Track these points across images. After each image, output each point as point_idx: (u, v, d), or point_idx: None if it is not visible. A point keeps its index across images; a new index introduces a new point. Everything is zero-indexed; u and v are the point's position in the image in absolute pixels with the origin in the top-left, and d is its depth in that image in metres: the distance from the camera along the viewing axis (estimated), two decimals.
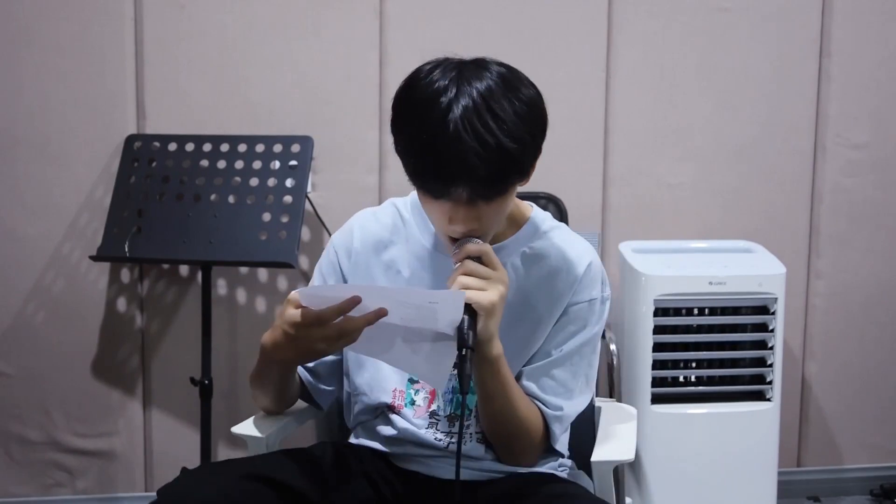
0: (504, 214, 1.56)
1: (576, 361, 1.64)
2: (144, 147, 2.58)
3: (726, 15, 2.80)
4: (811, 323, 2.93)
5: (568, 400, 1.63)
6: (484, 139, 1.41)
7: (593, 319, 1.64)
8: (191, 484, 1.51)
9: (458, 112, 1.42)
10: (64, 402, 2.72)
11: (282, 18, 2.66)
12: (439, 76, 1.46)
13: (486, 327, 1.46)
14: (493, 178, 1.44)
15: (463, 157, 1.41)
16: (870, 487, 2.99)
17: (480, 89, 1.44)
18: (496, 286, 1.46)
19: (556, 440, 1.65)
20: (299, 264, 2.66)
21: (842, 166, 2.89)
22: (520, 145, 1.44)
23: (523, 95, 1.48)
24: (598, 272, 1.65)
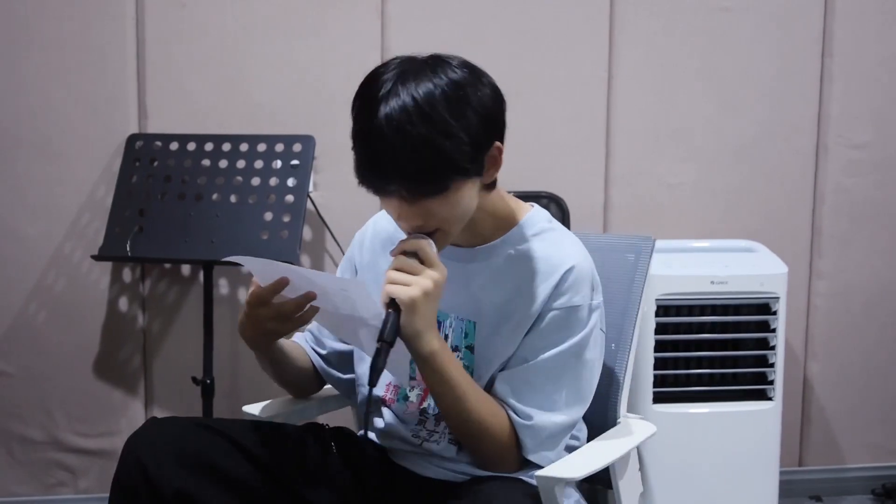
0: (460, 211, 1.52)
1: (557, 371, 1.57)
2: (146, 146, 2.58)
3: (728, 15, 2.80)
4: (813, 323, 2.93)
5: (546, 411, 1.56)
6: (408, 136, 1.42)
7: (576, 328, 1.57)
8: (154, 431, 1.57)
9: (386, 109, 1.43)
10: (65, 401, 2.72)
11: (283, 18, 2.67)
12: (387, 73, 1.48)
13: (410, 323, 1.46)
14: (421, 175, 1.44)
15: (388, 153, 1.43)
16: (871, 487, 2.99)
17: (417, 88, 1.44)
18: (421, 282, 1.46)
19: (529, 451, 1.57)
20: (301, 264, 2.66)
21: (844, 166, 2.89)
22: (446, 142, 1.44)
23: (469, 96, 1.47)
24: (584, 278, 1.58)
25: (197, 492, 1.53)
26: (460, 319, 1.62)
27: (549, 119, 2.79)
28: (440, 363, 1.51)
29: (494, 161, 1.53)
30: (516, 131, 2.74)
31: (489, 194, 1.59)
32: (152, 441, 1.55)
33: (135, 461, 1.53)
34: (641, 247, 1.81)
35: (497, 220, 1.62)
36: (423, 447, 1.66)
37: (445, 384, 1.52)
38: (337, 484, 1.65)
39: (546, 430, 1.57)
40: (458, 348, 1.62)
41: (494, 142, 1.52)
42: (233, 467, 1.58)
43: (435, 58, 1.51)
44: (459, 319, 1.62)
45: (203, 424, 1.61)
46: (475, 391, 1.55)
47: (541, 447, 1.58)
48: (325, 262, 2.76)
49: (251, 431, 1.64)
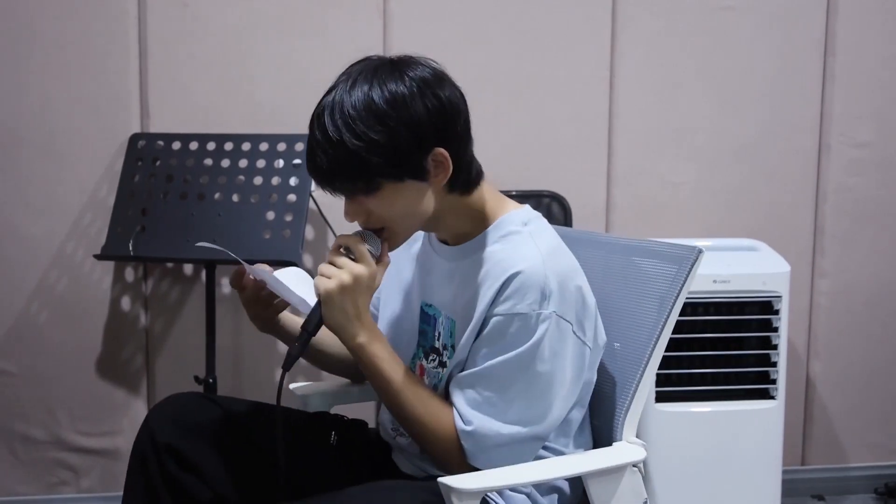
0: (403, 210, 1.53)
1: (505, 382, 1.52)
2: (148, 146, 2.59)
3: (730, 14, 2.80)
4: (815, 321, 2.93)
5: (491, 419, 1.51)
6: (328, 136, 1.47)
7: (521, 337, 1.50)
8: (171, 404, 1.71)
9: (318, 109, 1.50)
10: (68, 400, 2.72)
11: (285, 17, 2.67)
12: (346, 72, 1.54)
13: (327, 315, 1.51)
14: (341, 175, 1.49)
15: (314, 153, 1.49)
16: (874, 486, 2.99)
17: (353, 91, 1.49)
18: (340, 275, 1.49)
19: (470, 457, 1.53)
20: (303, 263, 2.66)
21: (846, 165, 2.89)
22: (363, 144, 1.46)
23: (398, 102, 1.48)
24: (531, 285, 1.49)
25: (187, 449, 1.64)
26: (447, 317, 1.63)
27: (551, 118, 2.79)
28: (367, 357, 1.54)
29: (440, 166, 1.52)
30: (518, 130, 2.77)
31: (465, 196, 1.59)
32: (161, 407, 1.71)
33: (145, 425, 1.67)
34: (684, 258, 1.65)
35: (474, 222, 1.61)
36: (397, 441, 1.69)
37: (376, 378, 1.55)
38: (328, 473, 1.68)
39: (490, 438, 1.52)
40: (447, 346, 1.62)
41: (434, 148, 1.51)
42: (226, 436, 1.67)
43: (394, 62, 1.53)
44: (447, 317, 1.63)
45: (209, 398, 1.76)
46: (414, 389, 1.55)
47: (486, 455, 1.53)
48: None
49: (253, 411, 1.72)
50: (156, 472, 1.63)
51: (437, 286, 1.65)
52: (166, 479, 1.64)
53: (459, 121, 1.54)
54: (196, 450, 1.64)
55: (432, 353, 1.64)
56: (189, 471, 1.64)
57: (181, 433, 1.65)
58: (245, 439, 1.68)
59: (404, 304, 1.72)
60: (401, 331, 1.70)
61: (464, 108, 1.55)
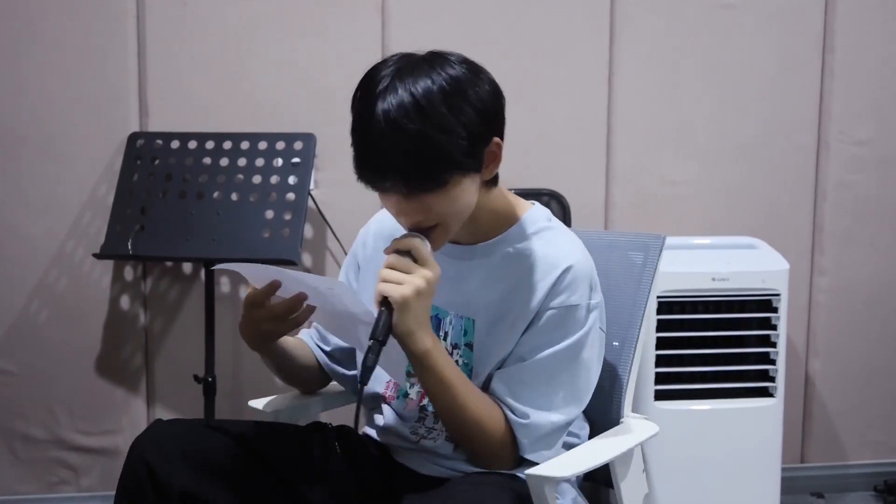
0: (460, 207, 1.52)
1: (554, 371, 1.56)
2: (147, 145, 2.59)
3: (729, 12, 2.80)
4: (815, 319, 2.93)
5: (542, 410, 1.56)
6: (404, 132, 1.43)
7: (573, 327, 1.56)
8: (159, 432, 1.58)
9: (383, 105, 1.44)
10: (68, 399, 2.72)
11: (284, 16, 2.67)
12: (385, 69, 1.48)
13: (403, 321, 1.46)
14: (420, 170, 1.45)
15: (385, 149, 1.44)
16: (873, 483, 2.99)
17: (414, 85, 1.45)
18: (413, 280, 1.46)
19: (525, 450, 1.57)
20: (302, 262, 2.66)
21: (845, 163, 2.89)
22: (445, 136, 1.44)
23: (468, 91, 1.48)
24: (582, 277, 1.57)
25: (203, 492, 1.53)
26: (459, 317, 1.62)
27: (550, 117, 2.79)
28: (433, 362, 1.51)
29: (493, 157, 1.53)
30: (517, 129, 2.73)
31: (490, 191, 1.59)
32: (158, 442, 1.55)
33: (142, 462, 1.53)
34: (651, 245, 1.75)
35: (497, 218, 1.62)
36: (421, 444, 1.66)
37: (440, 383, 1.52)
38: (340, 483, 1.65)
39: (542, 428, 1.56)
40: (458, 346, 1.62)
41: (493, 137, 1.52)
42: (238, 467, 1.58)
43: (434, 54, 1.52)
44: (458, 317, 1.62)
45: (208, 425, 1.63)
46: (471, 390, 1.55)
47: (537, 446, 1.57)
48: (326, 260, 2.76)
49: (256, 431, 1.64)
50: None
51: (443, 286, 1.63)
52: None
53: (505, 108, 1.56)
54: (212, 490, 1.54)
55: None
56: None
57: (193, 474, 1.53)
58: (255, 465, 1.60)
59: None
60: None
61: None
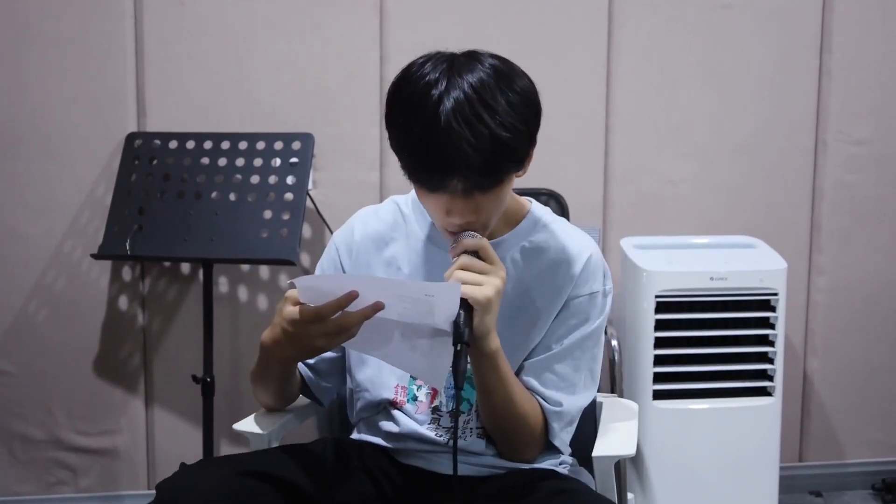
0: (502, 206, 1.55)
1: (577, 356, 1.63)
2: (145, 145, 2.58)
3: (727, 11, 2.80)
4: (812, 318, 2.93)
5: (570, 395, 1.62)
6: (476, 129, 1.42)
7: (595, 313, 1.63)
8: (189, 479, 1.51)
9: (449, 104, 1.43)
10: (66, 400, 2.72)
11: (282, 15, 2.66)
12: (430, 69, 1.47)
13: (483, 322, 1.46)
14: (488, 167, 1.44)
15: (456, 147, 1.42)
16: (871, 482, 2.99)
17: (471, 80, 1.45)
18: (492, 281, 1.46)
19: (555, 436, 1.63)
20: (301, 262, 2.66)
21: (843, 162, 2.89)
22: (512, 134, 1.45)
23: (516, 85, 1.49)
24: (599, 265, 1.64)
25: None
26: None
27: (548, 116, 2.73)
28: (500, 360, 1.53)
29: (530, 159, 1.54)
30: None
31: None
32: (187, 490, 1.49)
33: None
34: None
35: (507, 216, 1.64)
36: (449, 444, 1.62)
37: (501, 381, 1.54)
38: (363, 495, 1.63)
39: (571, 413, 1.64)
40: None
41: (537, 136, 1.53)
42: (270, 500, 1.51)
43: (472, 52, 1.52)
44: None
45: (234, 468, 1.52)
46: (518, 384, 1.59)
47: (565, 431, 1.64)
48: None
49: (278, 460, 1.58)
50: None
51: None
52: None
53: None
54: None
55: None
56: None
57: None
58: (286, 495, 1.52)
59: None
60: None
61: None
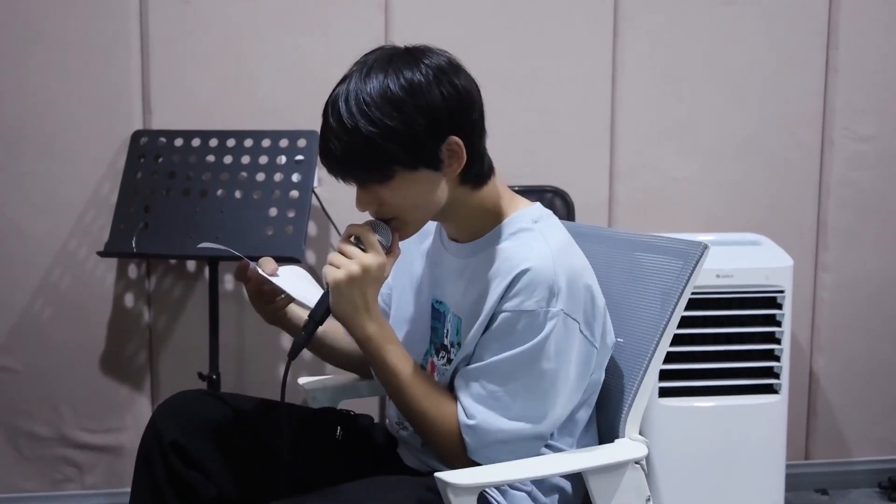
0: (416, 202, 1.52)
1: (510, 377, 1.51)
2: (150, 143, 2.59)
3: (732, 8, 2.80)
4: (819, 316, 2.93)
5: (495, 414, 1.51)
6: (343, 123, 1.47)
7: (528, 334, 1.49)
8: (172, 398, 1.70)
9: (332, 97, 1.50)
10: (72, 397, 2.72)
11: (287, 13, 2.66)
12: (357, 62, 1.53)
13: (335, 304, 1.50)
14: (356, 163, 1.49)
15: (327, 139, 1.50)
16: (878, 480, 2.99)
17: (365, 80, 1.48)
18: (349, 266, 1.48)
19: (471, 451, 1.52)
20: (306, 259, 2.66)
21: (849, 159, 2.88)
22: (381, 132, 1.45)
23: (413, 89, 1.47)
24: (540, 282, 1.49)
25: (192, 445, 1.63)
26: (454, 315, 1.62)
27: (553, 113, 2.79)
28: (374, 349, 1.53)
29: (454, 155, 1.51)
30: (521, 126, 2.76)
31: (476, 190, 1.58)
32: (166, 405, 1.69)
33: (151, 422, 1.67)
34: (690, 253, 1.61)
35: (485, 217, 1.60)
36: (400, 435, 1.69)
37: (383, 371, 1.55)
38: (333, 468, 1.68)
39: (492, 434, 1.51)
40: (454, 344, 1.61)
41: (448, 136, 1.50)
42: (231, 433, 1.66)
43: (408, 51, 1.52)
44: (454, 315, 1.62)
45: (214, 395, 1.75)
46: (420, 383, 1.55)
47: (487, 451, 1.52)
48: None
49: (259, 408, 1.72)
50: (161, 470, 1.63)
51: (447, 283, 1.65)
52: (171, 477, 1.63)
53: (475, 110, 1.54)
54: (201, 447, 1.64)
55: (442, 349, 1.63)
56: (194, 468, 1.64)
57: (186, 430, 1.64)
58: (250, 436, 1.68)
59: (416, 301, 1.71)
60: (414, 327, 1.69)
61: (478, 99, 1.55)
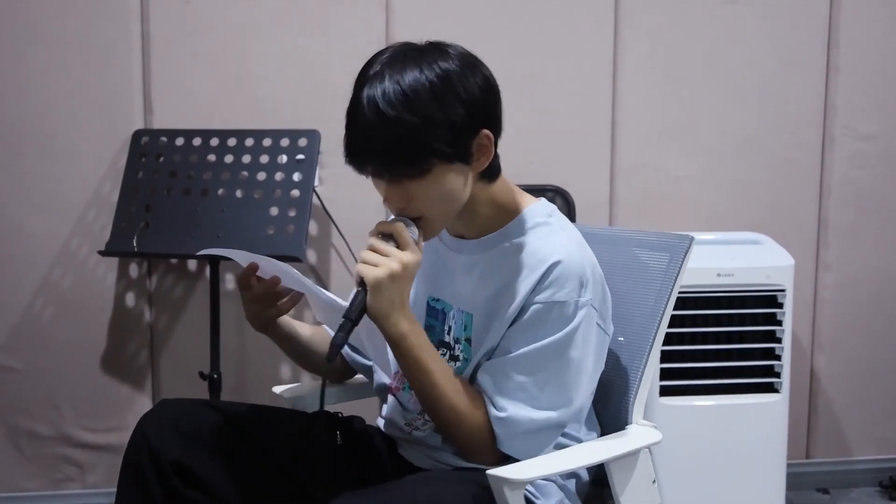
0: (445, 197, 1.53)
1: (538, 368, 1.54)
2: (151, 142, 2.59)
3: (733, 7, 2.80)
4: (819, 315, 2.93)
5: (524, 406, 1.53)
6: (384, 118, 1.45)
7: (559, 324, 1.53)
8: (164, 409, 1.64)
9: (368, 91, 1.47)
10: (73, 397, 2.73)
11: (288, 12, 2.67)
12: (379, 57, 1.51)
13: (374, 303, 1.47)
14: (395, 155, 1.47)
15: (365, 133, 1.47)
16: (878, 479, 2.99)
17: (399, 72, 1.47)
18: (389, 263, 1.47)
19: (501, 443, 1.54)
20: (307, 258, 2.67)
21: (850, 158, 2.88)
22: (424, 124, 1.45)
23: (450, 81, 1.48)
24: (571, 274, 1.53)
25: (194, 464, 1.58)
26: (461, 311, 1.63)
27: (554, 112, 2.79)
28: (408, 347, 1.52)
29: (483, 149, 1.53)
30: (522, 125, 2.76)
31: (490, 185, 1.59)
32: (157, 417, 1.63)
33: (141, 436, 1.60)
34: (677, 246, 1.69)
35: (498, 212, 1.62)
36: (412, 435, 1.67)
37: (416, 369, 1.53)
38: (337, 472, 1.67)
39: (522, 425, 1.53)
40: (459, 340, 1.62)
41: (481, 130, 1.52)
42: (232, 445, 1.62)
43: (432, 45, 1.53)
44: (460, 311, 1.63)
45: (207, 403, 1.68)
46: (450, 379, 1.55)
47: (517, 442, 1.54)
48: (331, 257, 2.76)
49: (255, 414, 1.68)
50: (158, 490, 1.57)
51: (447, 281, 1.65)
52: (169, 498, 1.58)
53: (500, 103, 1.56)
54: (202, 464, 1.59)
55: (441, 347, 1.64)
56: (194, 486, 1.59)
57: (186, 447, 1.59)
58: (250, 445, 1.64)
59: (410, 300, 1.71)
60: None
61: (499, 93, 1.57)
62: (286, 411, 1.75)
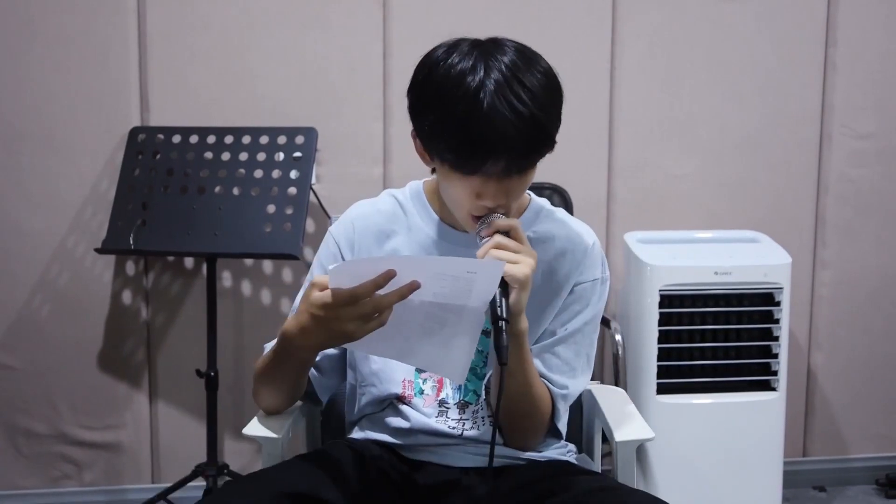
0: (524, 191, 1.58)
1: (579, 340, 1.66)
2: (148, 139, 2.58)
3: (731, 5, 2.79)
4: (817, 313, 2.93)
5: (571, 378, 1.65)
6: (518, 111, 1.45)
7: (595, 299, 1.67)
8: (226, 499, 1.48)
9: (490, 86, 1.44)
10: (70, 395, 2.72)
11: (285, 10, 2.66)
12: (461, 54, 1.49)
13: (519, 300, 1.46)
14: (529, 148, 1.48)
15: (501, 129, 1.44)
16: (875, 477, 2.99)
17: (506, 63, 1.47)
18: (527, 259, 1.47)
19: (560, 418, 1.66)
20: (304, 256, 2.66)
21: (847, 156, 2.88)
22: (548, 115, 1.49)
23: (542, 68, 1.52)
24: (600, 252, 1.69)
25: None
26: None
27: None
28: (525, 341, 1.54)
29: None
30: None
31: None
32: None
33: None
34: None
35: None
36: (464, 436, 1.63)
37: (525, 362, 1.56)
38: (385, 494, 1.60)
39: (573, 397, 1.67)
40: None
41: None
42: None
43: (494, 38, 1.53)
44: None
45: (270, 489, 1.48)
46: (535, 368, 1.60)
47: (565, 414, 1.67)
48: None
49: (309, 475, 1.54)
50: None
51: None
52: None
53: None
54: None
55: None
56: None
57: None
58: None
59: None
60: None
61: None
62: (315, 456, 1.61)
